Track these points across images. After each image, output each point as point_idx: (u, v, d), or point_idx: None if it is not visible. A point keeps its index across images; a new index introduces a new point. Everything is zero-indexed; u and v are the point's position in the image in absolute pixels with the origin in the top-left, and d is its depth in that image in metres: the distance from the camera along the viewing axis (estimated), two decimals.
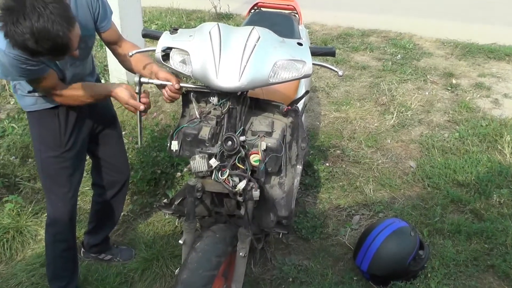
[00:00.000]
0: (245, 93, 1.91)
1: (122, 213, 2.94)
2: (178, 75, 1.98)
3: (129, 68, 2.21)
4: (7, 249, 2.79)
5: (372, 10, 7.66)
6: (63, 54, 1.66)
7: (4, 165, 3.35)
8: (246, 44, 1.78)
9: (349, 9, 7.67)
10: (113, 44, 2.22)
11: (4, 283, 2.61)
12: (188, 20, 6.79)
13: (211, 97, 1.95)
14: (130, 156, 3.28)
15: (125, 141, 3.38)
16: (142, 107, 1.94)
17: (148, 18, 6.73)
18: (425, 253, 2.58)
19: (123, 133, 3.49)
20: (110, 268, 2.69)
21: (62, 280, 2.40)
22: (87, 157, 2.46)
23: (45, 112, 2.08)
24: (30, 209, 3.03)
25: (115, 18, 4.11)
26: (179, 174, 3.27)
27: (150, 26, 6.44)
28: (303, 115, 3.01)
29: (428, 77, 5.10)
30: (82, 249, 2.76)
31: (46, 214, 2.35)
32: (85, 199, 3.15)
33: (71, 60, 1.99)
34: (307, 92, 2.62)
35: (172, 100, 1.99)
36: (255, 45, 1.78)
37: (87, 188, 3.14)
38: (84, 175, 3.03)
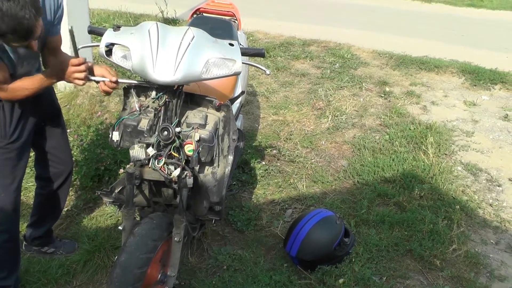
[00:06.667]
0: (180, 87, 2.05)
1: (66, 208, 3.00)
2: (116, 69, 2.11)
3: None
4: None
5: (314, 21, 8.01)
6: (26, 37, 1.73)
7: None
8: (181, 42, 1.93)
9: (292, 19, 7.99)
10: (54, 51, 2.28)
11: None
12: (136, 23, 6.83)
13: (150, 91, 2.09)
14: (74, 153, 3.33)
15: (70, 138, 3.45)
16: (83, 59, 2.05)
17: (96, 20, 6.72)
18: (350, 240, 2.79)
19: (68, 131, 3.54)
20: (53, 261, 2.72)
21: (2, 271, 2.40)
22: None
23: None
24: None
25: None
26: (121, 170, 3.33)
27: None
28: (240, 114, 3.19)
29: (363, 84, 5.40)
30: (24, 242, 2.77)
31: None
32: (28, 195, 3.16)
33: (28, 58, 2.09)
34: (243, 92, 2.80)
35: (108, 93, 2.13)
36: (190, 43, 1.94)
37: (30, 184, 3.18)
38: (28, 171, 3.08)
